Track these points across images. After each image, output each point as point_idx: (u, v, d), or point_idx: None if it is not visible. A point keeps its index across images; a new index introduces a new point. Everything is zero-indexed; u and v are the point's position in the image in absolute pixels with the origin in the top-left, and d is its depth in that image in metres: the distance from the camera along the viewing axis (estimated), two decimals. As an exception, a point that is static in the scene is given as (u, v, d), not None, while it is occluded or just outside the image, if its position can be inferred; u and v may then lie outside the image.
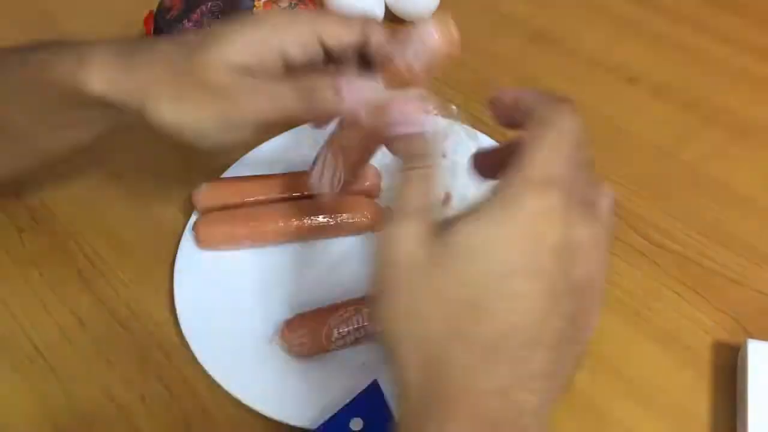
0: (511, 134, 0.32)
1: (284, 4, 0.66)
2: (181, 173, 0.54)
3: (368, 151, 0.42)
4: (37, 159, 0.48)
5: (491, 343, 0.27)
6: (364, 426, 0.36)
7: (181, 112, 0.39)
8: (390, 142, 0.35)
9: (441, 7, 0.67)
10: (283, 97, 0.39)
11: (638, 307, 0.46)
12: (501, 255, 0.27)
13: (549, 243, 0.27)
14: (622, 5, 0.68)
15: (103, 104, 0.40)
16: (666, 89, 0.60)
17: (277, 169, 0.52)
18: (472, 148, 0.35)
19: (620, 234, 0.50)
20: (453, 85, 0.62)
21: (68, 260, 0.51)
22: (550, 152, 0.28)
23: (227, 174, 0.53)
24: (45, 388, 0.45)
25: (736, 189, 0.52)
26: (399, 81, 0.39)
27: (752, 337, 0.43)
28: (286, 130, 0.56)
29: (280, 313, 0.46)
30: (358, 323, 0.43)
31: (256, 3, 0.65)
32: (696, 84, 0.60)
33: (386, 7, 0.67)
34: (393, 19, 0.67)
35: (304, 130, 0.54)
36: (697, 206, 0.51)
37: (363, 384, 0.40)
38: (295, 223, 0.49)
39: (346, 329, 0.43)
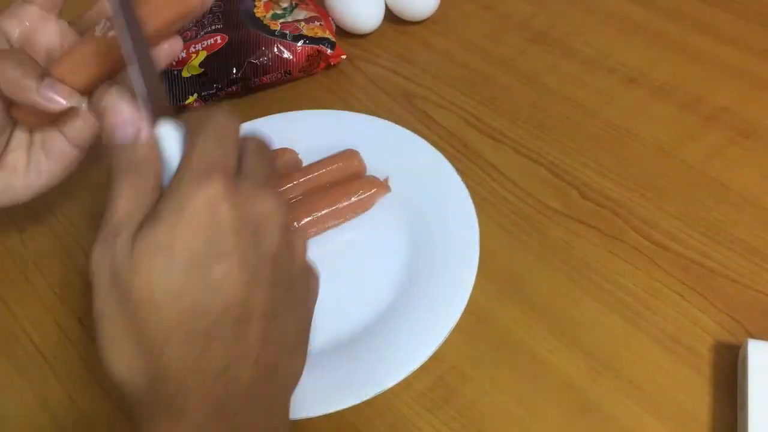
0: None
1: (285, 5, 0.66)
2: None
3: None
4: None
5: (207, 332, 0.28)
6: None
7: None
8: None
9: (441, 8, 0.67)
10: None
11: (638, 307, 0.46)
12: (187, 250, 0.28)
13: (226, 224, 0.29)
14: (622, 5, 0.68)
15: None
16: (666, 89, 0.60)
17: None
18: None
19: (620, 234, 0.50)
20: (453, 85, 0.62)
21: (68, 260, 0.51)
22: (205, 143, 0.30)
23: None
24: (45, 388, 0.45)
25: (736, 189, 0.52)
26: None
27: (753, 337, 0.43)
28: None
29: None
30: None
31: (256, 3, 0.65)
32: (696, 84, 0.60)
33: (386, 8, 0.67)
34: (393, 20, 0.67)
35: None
36: (697, 206, 0.51)
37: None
38: None
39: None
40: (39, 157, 0.43)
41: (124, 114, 0.31)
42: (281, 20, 0.64)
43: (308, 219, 0.49)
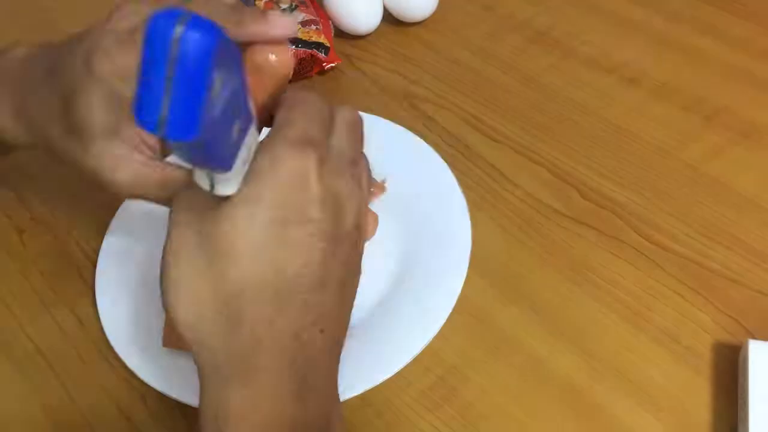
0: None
1: (285, 5, 0.66)
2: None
3: None
4: None
5: (283, 291, 0.29)
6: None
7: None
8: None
9: (440, 8, 0.67)
10: None
11: (638, 307, 0.46)
12: (273, 208, 0.29)
13: (313, 193, 0.29)
14: (622, 5, 0.68)
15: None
16: (666, 89, 0.60)
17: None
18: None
19: (620, 234, 0.50)
20: (453, 85, 0.62)
21: (68, 260, 0.51)
22: (303, 117, 0.31)
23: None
24: (45, 388, 0.45)
25: (736, 189, 0.52)
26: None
27: (753, 337, 0.43)
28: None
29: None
30: None
31: (257, 2, 0.65)
32: (696, 84, 0.60)
33: (384, 9, 0.67)
34: (392, 21, 0.67)
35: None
36: (697, 206, 0.51)
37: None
38: None
39: None
40: None
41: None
42: (280, 21, 0.64)
43: None
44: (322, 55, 0.62)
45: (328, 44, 0.63)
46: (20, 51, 0.43)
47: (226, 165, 0.27)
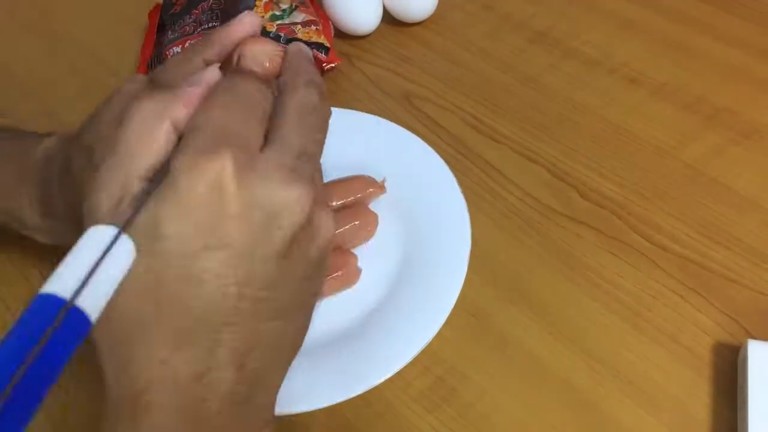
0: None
1: (285, 5, 0.66)
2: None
3: None
4: None
5: (185, 330, 0.25)
6: None
7: None
8: None
9: (440, 8, 0.67)
10: None
11: (638, 307, 0.46)
12: (174, 236, 0.25)
13: (228, 209, 0.25)
14: (622, 5, 0.68)
15: None
16: (666, 89, 0.60)
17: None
18: None
19: (620, 234, 0.50)
20: (453, 85, 0.62)
21: (68, 260, 0.51)
22: (222, 110, 0.27)
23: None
24: (45, 389, 0.45)
25: (736, 189, 0.52)
26: None
27: (753, 337, 0.43)
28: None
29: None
30: None
31: (257, 2, 0.65)
32: (696, 84, 0.60)
33: (384, 9, 0.67)
34: (392, 21, 0.67)
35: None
36: (697, 206, 0.51)
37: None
38: None
39: None
40: None
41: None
42: (278, 22, 0.64)
43: None
44: (322, 55, 0.62)
45: (328, 44, 0.63)
46: (46, 143, 0.41)
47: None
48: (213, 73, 0.29)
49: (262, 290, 0.26)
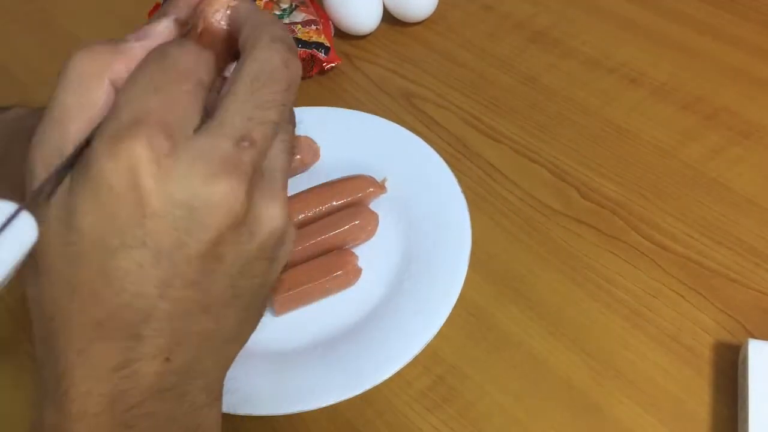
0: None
1: (285, 5, 0.66)
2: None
3: None
4: None
5: (102, 323, 0.24)
6: None
7: None
8: None
9: (440, 8, 0.67)
10: None
11: (638, 307, 0.46)
12: (87, 230, 0.23)
13: (144, 203, 0.22)
14: (622, 5, 0.68)
15: None
16: (666, 89, 0.60)
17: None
18: None
19: (620, 234, 0.50)
20: (453, 85, 0.62)
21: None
22: (143, 86, 0.24)
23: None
24: (45, 388, 0.45)
25: (736, 189, 0.52)
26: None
27: (753, 336, 0.43)
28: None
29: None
30: None
31: (257, 2, 0.65)
32: (696, 84, 0.60)
33: (384, 9, 0.67)
34: (392, 21, 0.67)
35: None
36: (697, 206, 0.51)
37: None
38: None
39: None
40: None
41: None
42: (280, 21, 0.64)
43: (301, 216, 0.49)
44: (322, 55, 0.62)
45: (328, 44, 0.63)
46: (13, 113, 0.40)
47: None
48: (162, 26, 0.26)
49: (185, 290, 0.24)
